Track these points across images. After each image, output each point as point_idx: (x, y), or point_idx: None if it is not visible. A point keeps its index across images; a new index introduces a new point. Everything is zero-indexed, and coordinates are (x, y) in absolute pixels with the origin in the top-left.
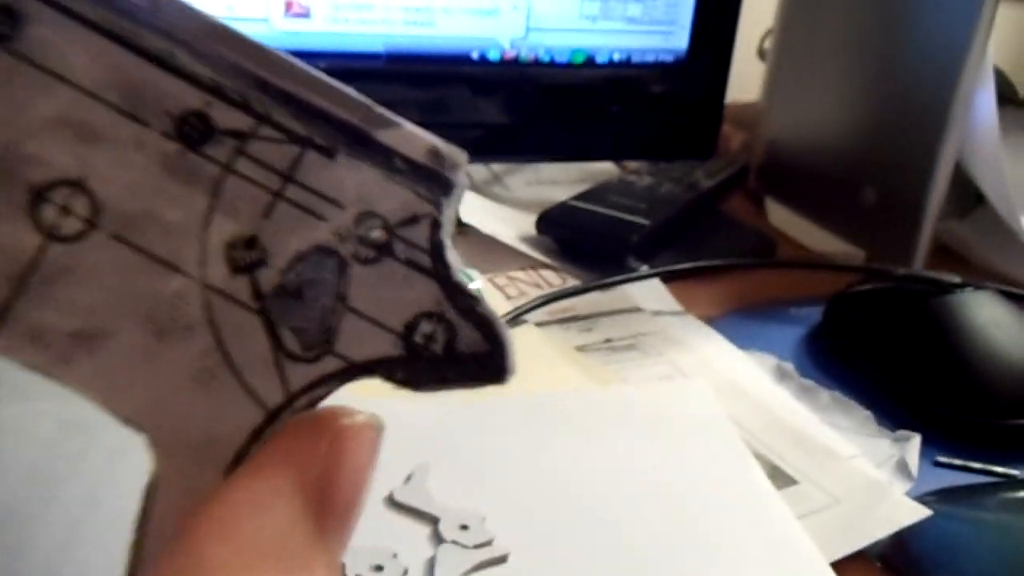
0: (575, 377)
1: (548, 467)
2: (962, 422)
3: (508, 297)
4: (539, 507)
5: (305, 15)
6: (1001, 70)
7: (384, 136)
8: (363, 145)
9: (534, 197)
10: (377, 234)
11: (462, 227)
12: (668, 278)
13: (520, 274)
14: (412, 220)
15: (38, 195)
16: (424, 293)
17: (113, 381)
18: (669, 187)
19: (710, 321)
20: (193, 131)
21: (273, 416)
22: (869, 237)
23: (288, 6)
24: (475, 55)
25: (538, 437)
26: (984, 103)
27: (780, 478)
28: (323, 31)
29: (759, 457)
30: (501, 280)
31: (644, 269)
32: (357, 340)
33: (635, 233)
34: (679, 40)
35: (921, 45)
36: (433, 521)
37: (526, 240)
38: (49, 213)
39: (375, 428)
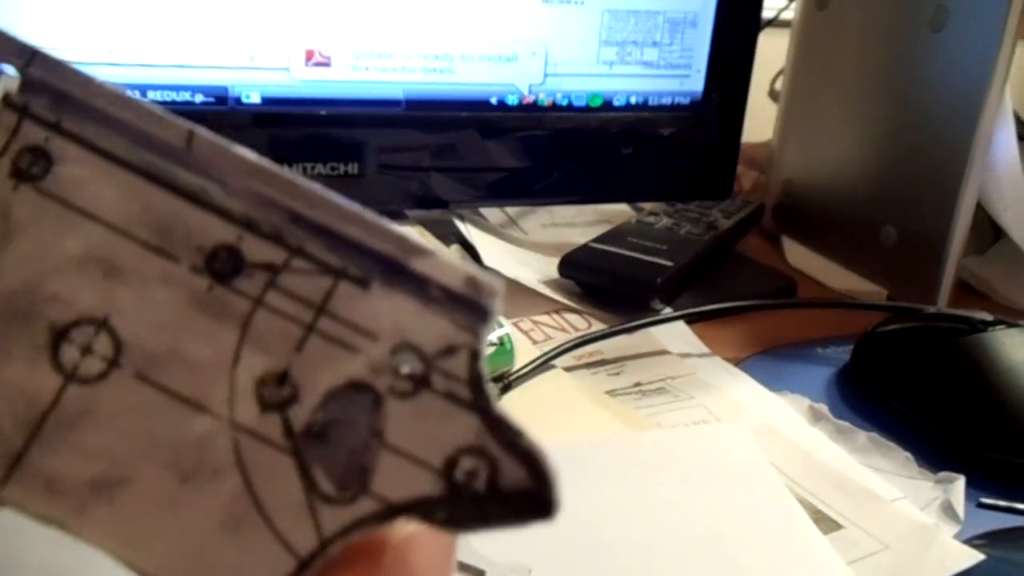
0: (610, 422)
1: (591, 515)
2: (1003, 462)
3: (534, 342)
4: (584, 556)
5: (326, 64)
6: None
7: (419, 265)
8: (398, 275)
9: (552, 239)
10: (414, 366)
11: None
12: (691, 320)
13: (545, 318)
14: (450, 351)
15: (59, 335)
16: (464, 427)
17: (134, 532)
18: (688, 228)
19: (736, 363)
20: (223, 265)
21: (305, 564)
22: (890, 275)
23: (309, 55)
24: (494, 100)
25: (580, 484)
26: (1004, 140)
27: (824, 523)
28: (343, 79)
29: (801, 501)
30: (526, 325)
31: (668, 311)
32: (394, 479)
33: (659, 275)
34: (695, 83)
35: (938, 83)
36: (478, 574)
37: (548, 283)
38: (70, 354)
39: (444, 536)
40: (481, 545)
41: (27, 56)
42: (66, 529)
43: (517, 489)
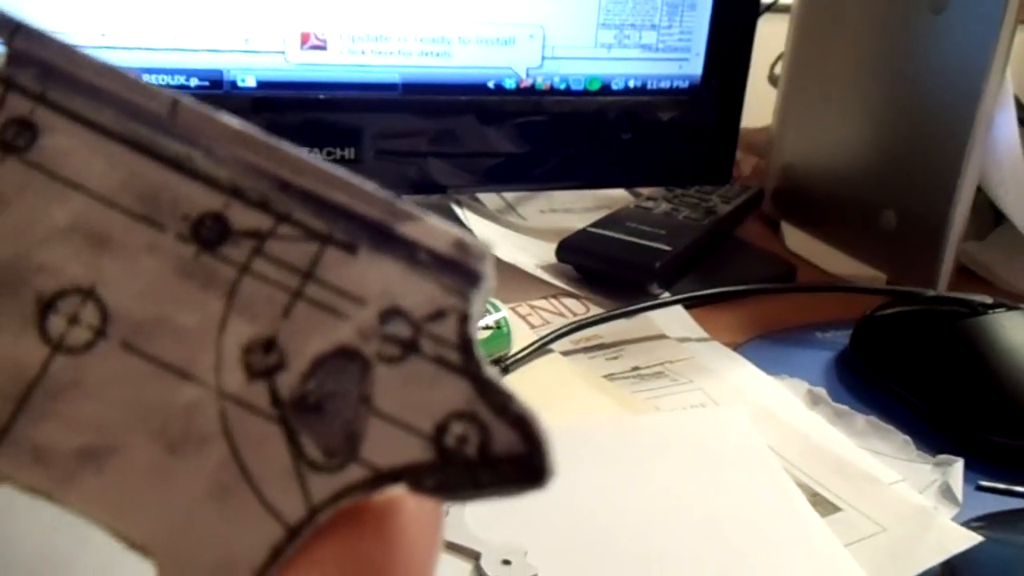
0: (608, 406)
1: (588, 498)
2: (1002, 445)
3: (532, 326)
4: (581, 539)
5: (322, 47)
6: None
7: (407, 229)
8: (385, 239)
9: (550, 225)
10: (402, 331)
11: None
12: (690, 304)
13: (542, 303)
14: (439, 315)
15: (47, 305)
16: (455, 392)
17: (121, 501)
18: (687, 213)
19: (735, 347)
20: (209, 233)
21: (294, 532)
22: (890, 260)
23: (305, 39)
24: (491, 84)
25: (576, 468)
26: (1005, 123)
27: (822, 505)
28: (340, 63)
29: (799, 484)
30: (524, 309)
31: (666, 295)
32: (384, 445)
33: (657, 259)
34: (694, 67)
35: (939, 67)
36: (475, 556)
37: (546, 268)
38: (57, 324)
39: (429, 502)
40: (477, 527)
41: (11, 28)
42: (53, 499)
43: (509, 454)
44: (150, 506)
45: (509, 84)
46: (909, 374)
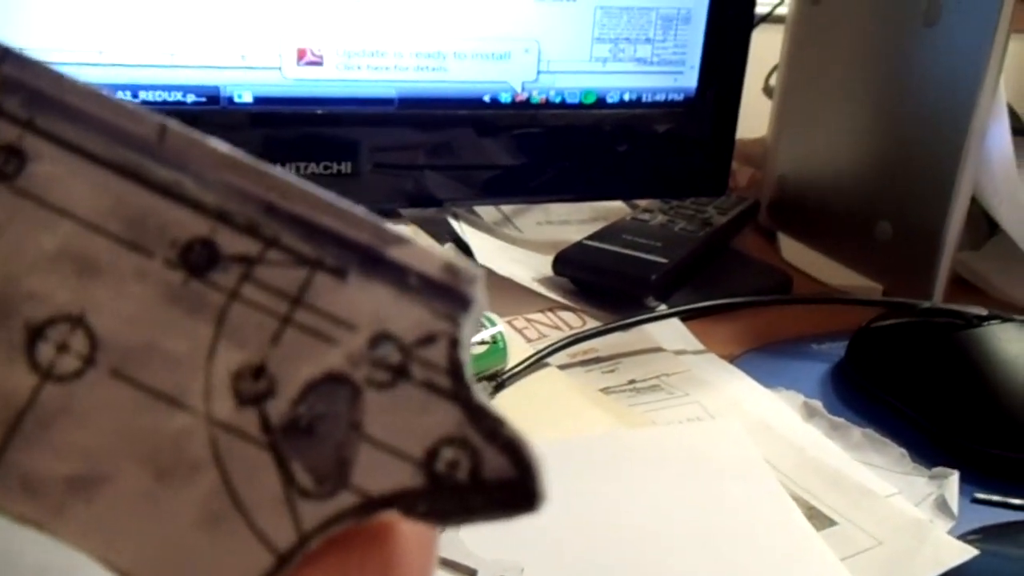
0: (604, 420)
1: (584, 513)
2: (998, 457)
3: (528, 340)
4: (577, 555)
5: (318, 63)
6: (1009, 104)
7: (396, 253)
8: (375, 264)
9: (546, 237)
10: (392, 356)
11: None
12: (686, 317)
13: (539, 316)
14: (429, 339)
15: (35, 333)
16: (445, 417)
17: (112, 531)
18: (683, 225)
19: (732, 359)
20: (198, 258)
21: (284, 560)
22: (886, 271)
23: (301, 54)
24: (487, 98)
25: (572, 482)
26: (998, 134)
27: (818, 519)
28: (336, 79)
29: (795, 498)
30: (520, 323)
31: (662, 308)
32: (374, 471)
33: (654, 272)
34: (688, 80)
35: (932, 78)
36: (470, 573)
37: (542, 281)
38: (46, 352)
39: (423, 526)
40: (473, 544)
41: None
42: (44, 529)
43: (500, 479)
44: (140, 534)
45: (505, 98)
46: (904, 386)
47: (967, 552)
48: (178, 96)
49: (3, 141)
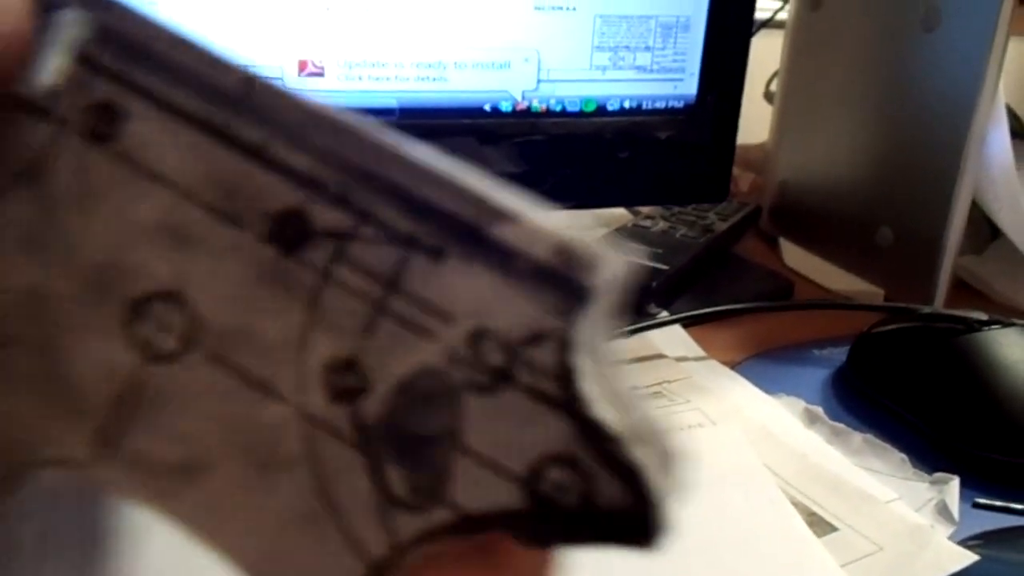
0: None
1: None
2: (999, 462)
3: None
4: (576, 561)
5: (319, 74)
6: (1008, 105)
7: (501, 232)
8: (477, 244)
9: None
10: (494, 356)
11: None
12: (688, 323)
13: None
14: (536, 338)
15: (137, 310)
16: (552, 431)
17: (216, 518)
18: (684, 231)
19: (733, 366)
20: (290, 233)
21: (377, 570)
22: (887, 276)
23: (302, 66)
24: (487, 107)
25: None
26: (998, 139)
27: (819, 525)
28: (337, 89)
29: (795, 504)
30: None
31: (664, 315)
32: (471, 487)
33: (655, 278)
34: (689, 87)
35: (932, 84)
36: None
37: None
38: (147, 330)
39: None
40: None
41: (87, 1)
42: (155, 511)
43: (613, 508)
44: (242, 526)
45: (505, 107)
46: (905, 391)
47: (968, 557)
48: None
49: (99, 98)
